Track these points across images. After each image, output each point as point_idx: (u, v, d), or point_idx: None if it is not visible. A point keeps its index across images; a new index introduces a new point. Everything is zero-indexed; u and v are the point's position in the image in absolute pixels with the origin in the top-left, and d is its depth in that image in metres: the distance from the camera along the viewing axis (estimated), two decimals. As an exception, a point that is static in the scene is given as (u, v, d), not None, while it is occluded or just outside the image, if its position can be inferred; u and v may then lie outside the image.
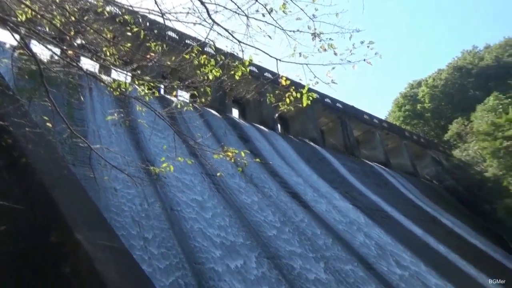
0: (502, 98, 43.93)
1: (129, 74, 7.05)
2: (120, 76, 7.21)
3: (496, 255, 24.06)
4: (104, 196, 10.05)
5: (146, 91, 6.21)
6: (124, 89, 6.28)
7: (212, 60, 5.88)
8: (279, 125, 31.13)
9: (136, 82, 6.32)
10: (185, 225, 10.73)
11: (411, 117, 62.78)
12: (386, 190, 27.69)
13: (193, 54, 5.97)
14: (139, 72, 6.96)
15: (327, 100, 34.08)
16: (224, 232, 11.32)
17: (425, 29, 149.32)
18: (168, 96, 20.03)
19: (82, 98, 14.79)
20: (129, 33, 6.41)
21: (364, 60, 5.20)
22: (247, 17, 5.31)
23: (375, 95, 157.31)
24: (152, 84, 6.18)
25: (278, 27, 5.25)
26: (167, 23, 5.72)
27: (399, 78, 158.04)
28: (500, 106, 41.95)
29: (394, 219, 21.68)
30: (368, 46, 5.03)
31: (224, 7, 5.36)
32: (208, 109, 22.75)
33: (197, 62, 5.96)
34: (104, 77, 11.06)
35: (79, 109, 14.71)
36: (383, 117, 53.73)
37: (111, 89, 6.14)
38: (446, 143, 50.99)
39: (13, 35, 5.20)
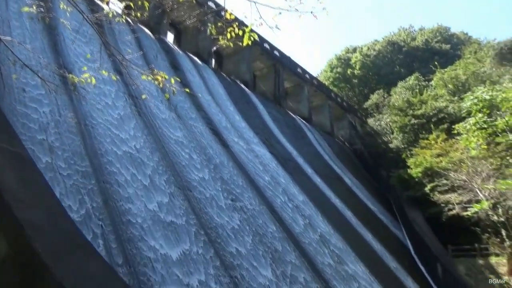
0: (421, 79, 47.89)
1: (56, -37, 6.15)
2: (44, -37, 6.26)
3: (382, 216, 27.38)
4: (9, 96, 9.08)
5: (75, -11, 5.53)
6: (48, -20, 5.51)
7: (155, -28, 5.37)
8: (213, 60, 30.27)
9: (64, -25, 5.57)
10: (98, 143, 10.27)
11: (340, 79, 65.39)
12: (302, 144, 29.24)
13: (136, -40, 5.38)
14: (68, -36, 6.09)
15: (266, 45, 33.73)
16: (138, 153, 11.12)
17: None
18: (99, 2, 18.09)
19: (-7, -21, 12.65)
20: None
21: (311, 12, 5.18)
22: None
23: (313, 50, 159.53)
24: (82, -18, 5.50)
25: (233, -46, 4.92)
26: None
27: (340, 39, 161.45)
28: (418, 86, 45.81)
29: (304, 171, 23.23)
30: (318, -1, 4.99)
31: None
32: (141, 26, 21.14)
33: (138, -30, 5.40)
34: (24, -41, 9.51)
35: (-12, -10, 12.61)
36: (315, 74, 55.11)
37: (32, -24, 5.33)
38: (364, 110, 54.74)
39: None
